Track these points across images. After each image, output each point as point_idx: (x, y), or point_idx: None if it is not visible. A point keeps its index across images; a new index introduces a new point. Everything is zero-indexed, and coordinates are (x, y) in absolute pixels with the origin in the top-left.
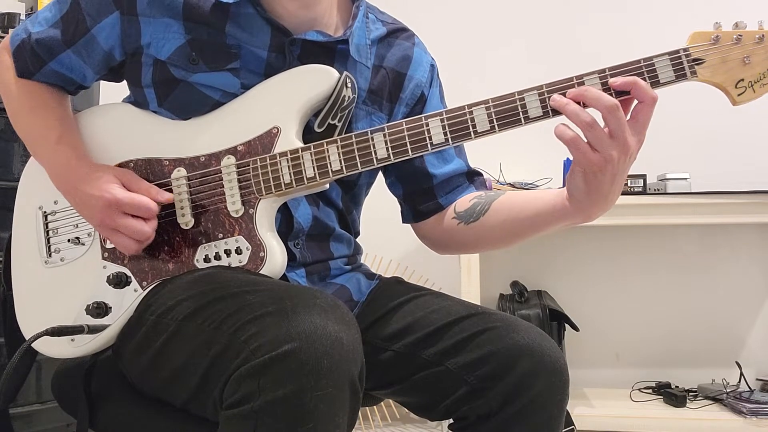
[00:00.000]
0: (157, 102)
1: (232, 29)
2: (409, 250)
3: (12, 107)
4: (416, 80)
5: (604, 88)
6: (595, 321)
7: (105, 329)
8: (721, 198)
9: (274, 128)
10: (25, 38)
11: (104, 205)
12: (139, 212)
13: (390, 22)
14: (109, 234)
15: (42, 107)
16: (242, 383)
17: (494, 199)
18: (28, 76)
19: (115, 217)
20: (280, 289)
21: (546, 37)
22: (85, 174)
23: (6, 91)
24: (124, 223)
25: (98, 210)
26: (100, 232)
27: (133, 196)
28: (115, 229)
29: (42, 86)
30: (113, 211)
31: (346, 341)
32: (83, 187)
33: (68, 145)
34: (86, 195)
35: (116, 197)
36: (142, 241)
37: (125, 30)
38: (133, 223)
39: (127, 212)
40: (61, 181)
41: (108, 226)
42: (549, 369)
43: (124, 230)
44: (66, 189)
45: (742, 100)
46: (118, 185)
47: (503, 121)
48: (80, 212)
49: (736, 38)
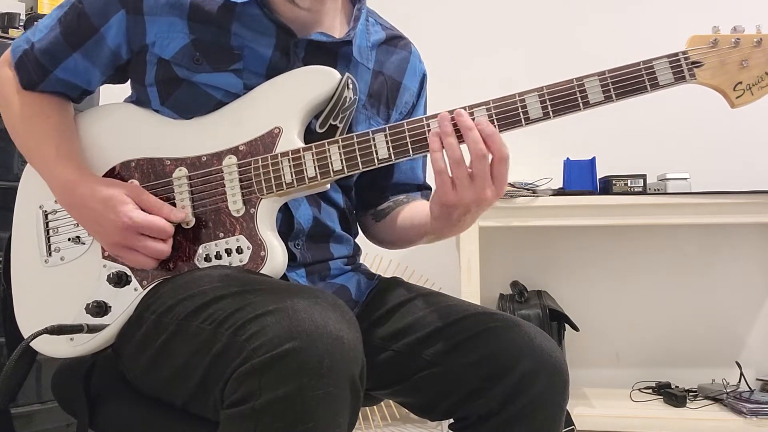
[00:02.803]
0: (160, 101)
1: (237, 28)
2: (409, 250)
3: (10, 119)
4: (409, 89)
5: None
6: (595, 321)
7: (104, 328)
8: (721, 198)
9: (275, 128)
10: (27, 48)
11: (121, 228)
12: (158, 235)
13: (388, 27)
14: (123, 252)
15: (39, 116)
16: (243, 382)
17: (403, 204)
18: (32, 87)
19: (132, 239)
20: (280, 288)
21: (545, 39)
22: (90, 191)
23: (5, 105)
24: (143, 244)
25: (114, 232)
26: (110, 251)
27: (152, 220)
28: (131, 248)
29: (43, 96)
30: (130, 233)
31: (347, 340)
32: (94, 206)
33: (67, 158)
34: (97, 215)
35: (134, 221)
36: (161, 259)
37: (131, 28)
38: (153, 245)
39: (145, 234)
40: (65, 198)
41: (123, 245)
42: (549, 369)
43: (143, 250)
44: (72, 206)
45: (741, 102)
46: (133, 206)
47: (503, 122)
48: (87, 228)
49: (734, 41)
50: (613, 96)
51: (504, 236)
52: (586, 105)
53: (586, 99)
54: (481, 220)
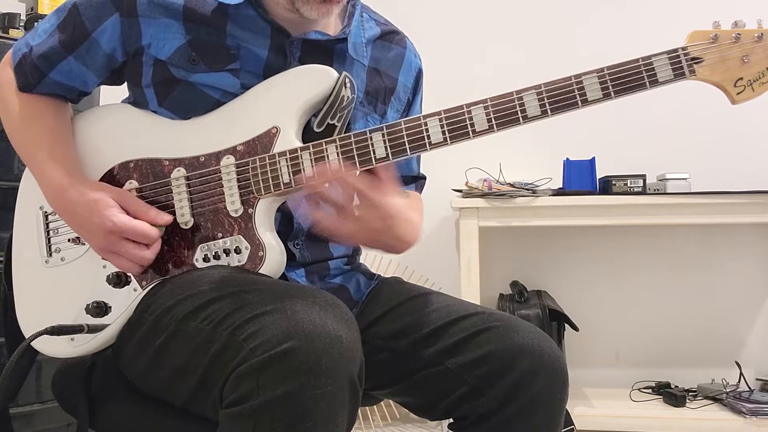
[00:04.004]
0: (157, 102)
1: (232, 29)
2: (409, 250)
3: (8, 123)
4: (405, 84)
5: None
6: (595, 321)
7: (104, 329)
8: (721, 198)
9: (273, 128)
10: (27, 52)
11: (105, 231)
12: (141, 239)
13: (383, 22)
14: (110, 257)
15: (34, 119)
16: (242, 382)
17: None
18: (28, 90)
19: (117, 244)
20: (279, 288)
21: (544, 36)
22: (79, 195)
23: (4, 107)
24: (126, 249)
25: (100, 236)
26: (100, 255)
27: (134, 225)
28: (117, 253)
29: (40, 98)
30: (114, 237)
31: (346, 340)
32: (80, 210)
33: (59, 162)
34: (84, 219)
35: (117, 225)
36: (144, 265)
37: (125, 31)
38: (135, 250)
39: (129, 238)
40: (55, 202)
41: (109, 250)
42: (549, 368)
43: (126, 255)
44: (61, 210)
45: (742, 98)
46: (117, 209)
47: (501, 121)
48: (78, 233)
49: (735, 37)
50: (611, 93)
51: (504, 236)
52: (584, 102)
53: (584, 96)
54: (481, 220)
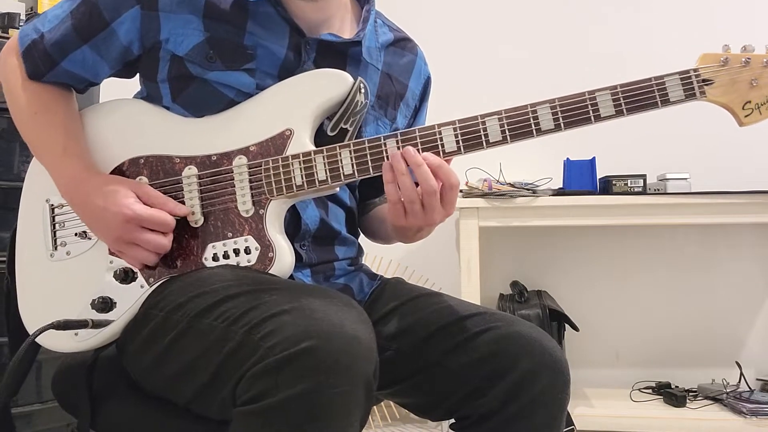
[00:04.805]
0: (171, 97)
1: (252, 27)
2: (410, 251)
3: (17, 112)
4: (414, 91)
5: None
6: (595, 321)
7: (109, 324)
8: (721, 198)
9: (287, 130)
10: (37, 38)
11: (123, 220)
12: (159, 227)
13: (395, 29)
14: (124, 248)
15: (46, 112)
16: (258, 380)
17: (382, 203)
18: (38, 78)
19: (134, 232)
20: (294, 287)
21: (555, 40)
22: (96, 187)
23: (12, 96)
24: (145, 237)
25: (116, 226)
26: (112, 247)
27: (153, 213)
28: (133, 243)
29: (49, 88)
30: (132, 226)
31: (364, 340)
32: (97, 201)
33: (74, 156)
34: (100, 209)
35: (137, 213)
36: (161, 253)
37: (145, 25)
38: (154, 238)
39: (147, 227)
40: (70, 194)
41: (125, 240)
42: (550, 368)
43: (144, 244)
44: (76, 202)
45: (749, 121)
46: (135, 199)
47: (515, 133)
48: (90, 226)
49: (744, 61)
50: (624, 110)
51: (504, 236)
52: (597, 118)
53: (597, 112)
54: (481, 220)
